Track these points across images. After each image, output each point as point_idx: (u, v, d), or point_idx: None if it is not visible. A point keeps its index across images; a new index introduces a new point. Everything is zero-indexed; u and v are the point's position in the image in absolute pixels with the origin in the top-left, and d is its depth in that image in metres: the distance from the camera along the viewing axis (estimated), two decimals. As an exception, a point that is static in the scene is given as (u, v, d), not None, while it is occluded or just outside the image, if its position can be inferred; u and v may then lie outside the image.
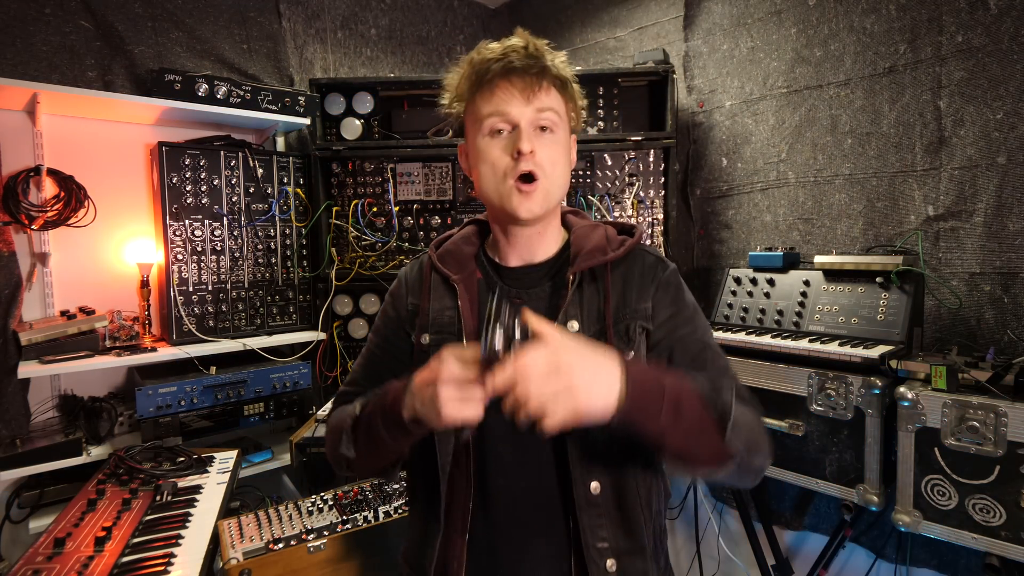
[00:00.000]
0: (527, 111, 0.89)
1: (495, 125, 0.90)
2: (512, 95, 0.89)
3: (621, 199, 2.29)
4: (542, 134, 0.91)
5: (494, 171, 0.90)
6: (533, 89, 0.89)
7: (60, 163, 2.00)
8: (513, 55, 0.89)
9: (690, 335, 0.92)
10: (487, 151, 0.91)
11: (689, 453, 0.81)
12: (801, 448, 1.68)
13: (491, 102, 0.90)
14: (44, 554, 1.23)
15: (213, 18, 2.36)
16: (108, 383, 2.15)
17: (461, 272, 0.98)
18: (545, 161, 0.90)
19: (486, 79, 0.90)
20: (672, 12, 2.51)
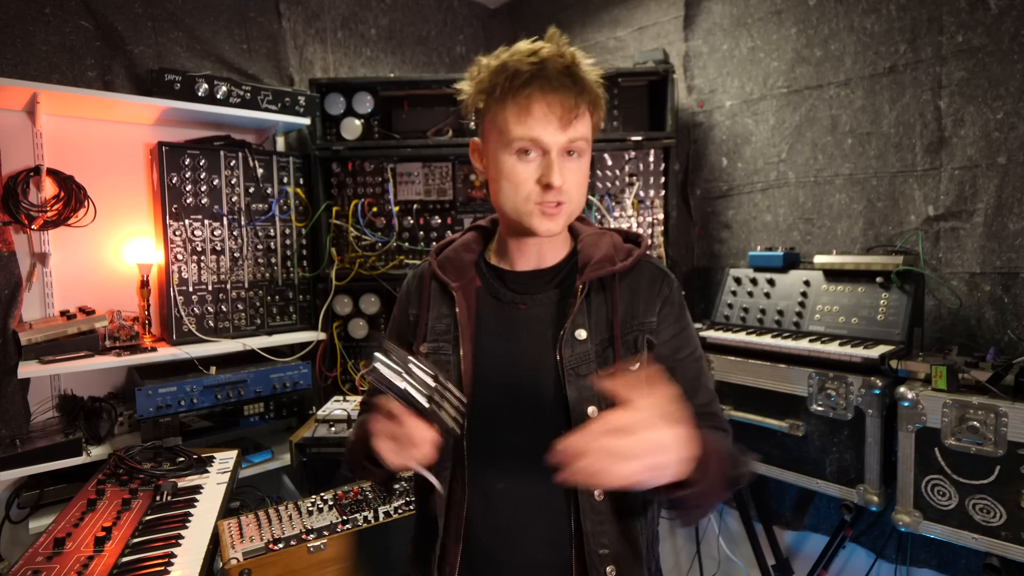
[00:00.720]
0: (561, 139, 0.86)
1: (525, 147, 0.87)
2: (548, 121, 0.85)
3: (621, 199, 2.29)
4: (569, 158, 0.88)
5: (516, 191, 0.88)
6: (570, 116, 0.86)
7: (60, 163, 2.00)
8: (551, 70, 0.85)
9: (689, 357, 0.94)
10: (512, 171, 0.88)
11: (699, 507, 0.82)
12: (801, 448, 1.68)
13: (524, 123, 0.86)
14: (44, 554, 1.23)
15: (213, 18, 2.36)
16: (108, 383, 2.15)
17: (460, 280, 0.98)
18: (571, 187, 0.89)
19: (521, 93, 0.85)
20: (672, 12, 2.51)
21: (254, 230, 2.24)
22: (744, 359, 1.80)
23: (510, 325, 0.95)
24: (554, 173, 0.85)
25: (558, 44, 0.88)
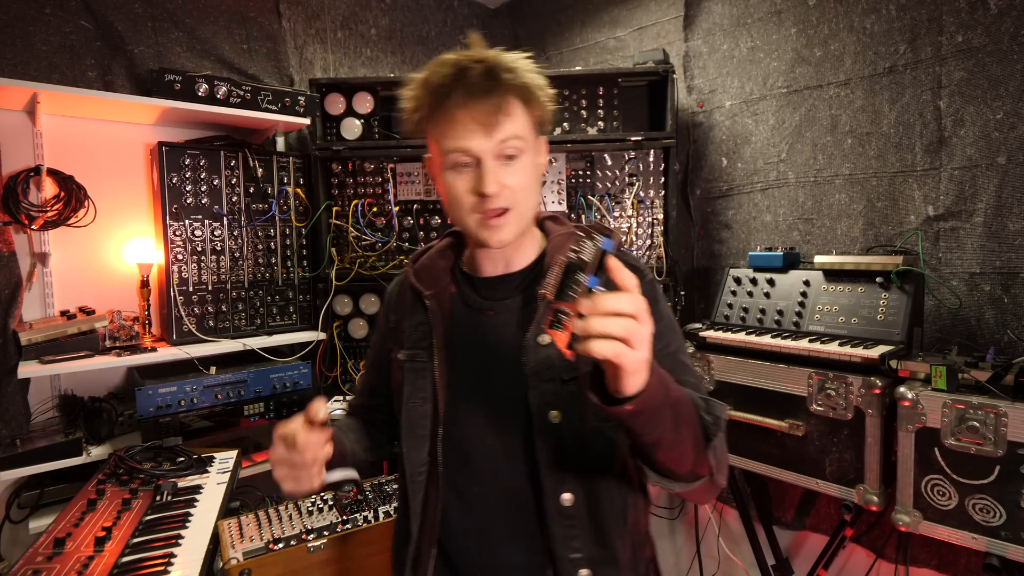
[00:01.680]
0: (489, 145, 0.84)
1: (457, 160, 0.86)
2: (472, 129, 0.84)
3: (621, 199, 2.29)
4: (508, 163, 0.86)
5: (458, 206, 0.88)
6: (494, 119, 0.84)
7: (60, 163, 2.00)
8: (470, 78, 0.84)
9: (663, 351, 0.90)
10: (451, 185, 0.87)
11: (676, 464, 0.79)
12: (801, 448, 1.68)
13: (451, 136, 0.85)
14: (44, 554, 1.23)
15: (213, 18, 2.36)
16: (108, 383, 2.15)
17: (435, 287, 0.98)
18: (513, 191, 0.87)
19: (444, 105, 0.85)
20: (672, 12, 2.51)
21: (254, 230, 2.24)
22: (744, 359, 1.80)
23: (480, 332, 0.94)
24: (485, 181, 0.84)
25: (478, 49, 0.88)
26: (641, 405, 0.69)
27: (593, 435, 0.88)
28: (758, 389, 1.76)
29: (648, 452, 0.77)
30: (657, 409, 0.72)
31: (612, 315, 0.63)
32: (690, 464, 0.79)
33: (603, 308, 0.63)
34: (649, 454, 0.77)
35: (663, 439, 0.75)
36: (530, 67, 0.89)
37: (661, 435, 0.74)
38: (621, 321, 0.63)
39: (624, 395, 0.68)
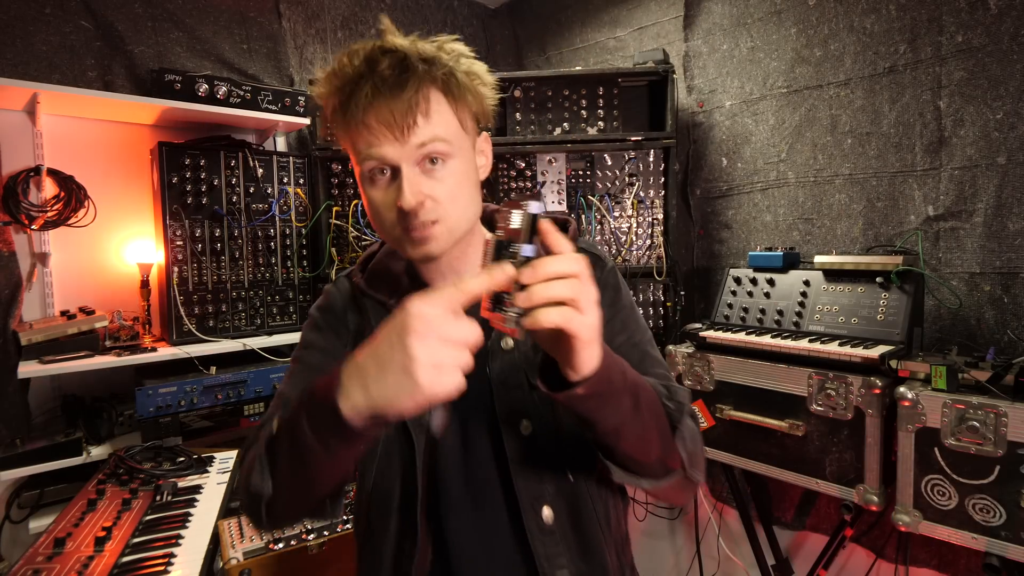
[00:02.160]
0: (405, 151, 0.74)
1: (372, 168, 0.76)
2: (382, 134, 0.73)
3: (621, 199, 2.29)
4: (432, 167, 0.76)
5: (380, 221, 0.78)
6: (407, 122, 0.73)
7: (60, 163, 2.00)
8: (379, 72, 0.73)
9: (627, 342, 0.85)
10: (371, 200, 0.78)
11: (641, 454, 0.73)
12: (801, 448, 1.68)
13: (362, 142, 0.75)
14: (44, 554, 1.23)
15: (213, 18, 2.36)
16: (108, 383, 2.15)
17: (395, 293, 0.87)
18: (440, 198, 0.76)
19: (353, 105, 0.74)
20: (672, 12, 2.51)
21: (254, 230, 2.23)
22: (744, 359, 1.80)
23: None
24: (403, 194, 0.73)
25: (389, 35, 0.76)
26: (596, 386, 0.64)
27: (569, 441, 0.82)
28: (758, 389, 1.76)
29: (609, 443, 0.71)
30: (615, 393, 0.67)
31: (554, 278, 0.58)
32: (657, 452, 0.73)
33: (544, 272, 0.58)
34: (611, 445, 0.71)
35: (623, 426, 0.69)
36: (460, 53, 0.78)
37: (621, 421, 0.68)
38: (565, 283, 0.58)
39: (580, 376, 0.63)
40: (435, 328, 0.54)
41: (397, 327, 0.55)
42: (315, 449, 0.64)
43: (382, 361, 0.56)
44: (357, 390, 0.58)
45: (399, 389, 0.55)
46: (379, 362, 0.56)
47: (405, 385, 0.54)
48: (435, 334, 0.54)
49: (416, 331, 0.54)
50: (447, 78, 0.76)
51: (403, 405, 0.55)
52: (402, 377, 0.54)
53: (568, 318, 0.58)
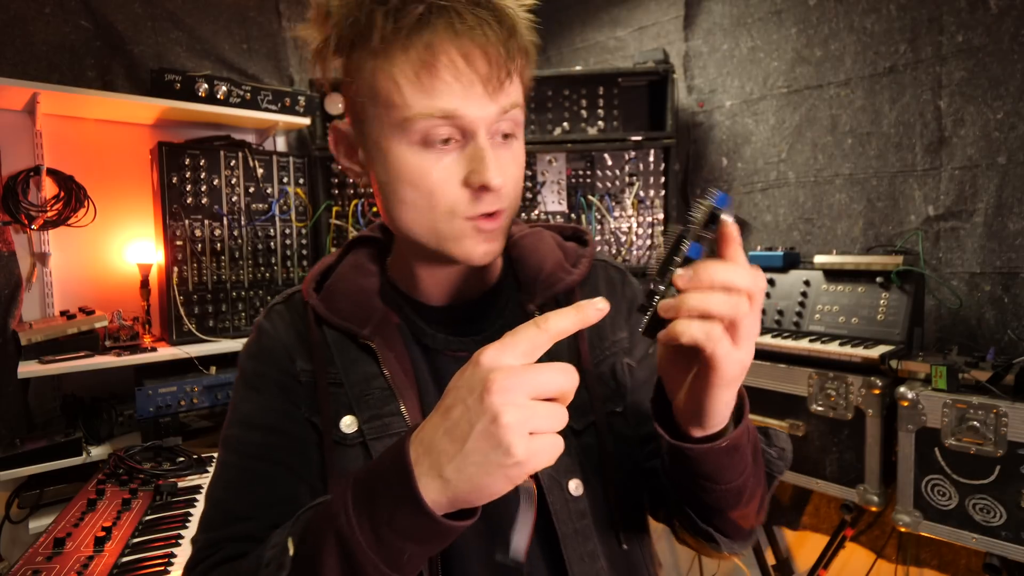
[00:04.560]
0: (491, 112, 0.56)
1: (435, 130, 0.55)
2: (468, 83, 0.54)
3: (621, 199, 2.29)
4: (504, 144, 0.59)
5: (432, 204, 0.57)
6: (501, 75, 0.55)
7: (60, 163, 2.00)
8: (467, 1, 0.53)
9: None
10: (420, 172, 0.56)
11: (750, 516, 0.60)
12: (801, 448, 1.68)
13: (429, 88, 0.53)
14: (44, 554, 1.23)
15: (213, 18, 2.36)
16: (108, 383, 2.14)
17: (368, 321, 0.64)
18: (512, 186, 0.60)
19: (418, 37, 0.52)
20: (672, 12, 2.51)
21: (254, 230, 2.23)
22: (744, 359, 1.79)
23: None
24: (490, 167, 0.55)
25: None
26: (739, 438, 0.52)
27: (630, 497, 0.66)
28: (758, 389, 1.76)
29: (723, 506, 0.57)
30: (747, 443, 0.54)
31: (719, 289, 0.46)
32: (756, 514, 0.60)
33: (707, 279, 0.46)
34: (724, 509, 0.57)
35: (745, 484, 0.55)
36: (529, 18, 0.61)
37: (745, 479, 0.55)
38: (728, 297, 0.46)
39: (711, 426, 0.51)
40: (523, 382, 0.41)
41: (471, 386, 0.42)
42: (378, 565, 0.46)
43: (459, 434, 0.42)
44: (430, 477, 0.43)
45: (485, 466, 0.41)
46: (455, 435, 0.42)
47: (492, 459, 0.41)
48: (524, 390, 0.41)
49: (499, 390, 0.41)
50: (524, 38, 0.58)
51: (495, 488, 0.42)
52: (489, 451, 0.41)
53: (715, 339, 0.47)
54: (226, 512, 0.62)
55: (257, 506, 0.61)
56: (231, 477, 0.64)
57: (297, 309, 0.69)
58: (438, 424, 0.44)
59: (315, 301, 0.67)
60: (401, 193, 0.58)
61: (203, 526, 0.63)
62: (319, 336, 0.66)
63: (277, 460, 0.63)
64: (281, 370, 0.66)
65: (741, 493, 0.56)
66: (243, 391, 0.67)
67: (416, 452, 0.44)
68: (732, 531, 0.61)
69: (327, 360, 0.65)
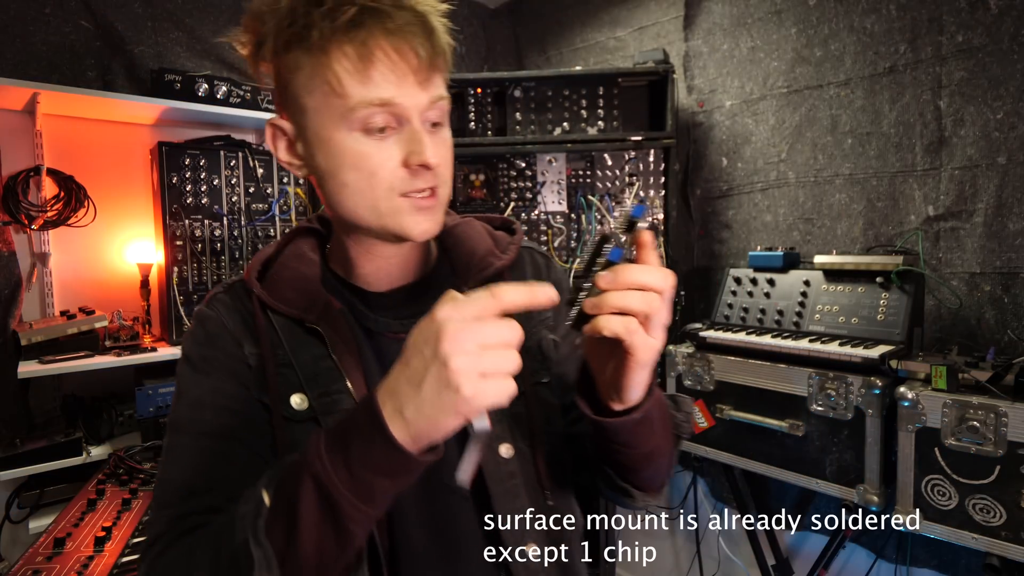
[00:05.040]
0: (422, 101, 0.62)
1: (374, 118, 0.61)
2: (401, 74, 0.60)
3: (621, 199, 2.29)
4: (434, 130, 0.66)
5: (372, 183, 0.63)
6: (430, 70, 0.62)
7: (60, 163, 2.00)
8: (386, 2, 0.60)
9: None
10: (362, 156, 0.62)
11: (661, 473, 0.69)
12: (801, 448, 1.68)
13: (367, 80, 0.59)
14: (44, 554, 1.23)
15: (213, 18, 2.36)
16: (108, 383, 2.15)
17: (313, 308, 0.69)
18: (444, 166, 0.66)
19: (355, 34, 0.59)
20: (672, 12, 2.51)
21: (254, 230, 2.23)
22: (744, 359, 1.80)
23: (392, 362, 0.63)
24: (427, 147, 0.62)
25: None
26: (651, 410, 0.60)
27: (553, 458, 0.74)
28: (758, 389, 1.76)
29: (639, 466, 0.66)
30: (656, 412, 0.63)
31: (635, 288, 0.54)
32: (669, 466, 0.71)
33: (625, 280, 0.54)
34: (639, 468, 0.67)
35: (657, 448, 0.65)
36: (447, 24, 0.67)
37: (656, 443, 0.65)
38: (644, 295, 0.54)
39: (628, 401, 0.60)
40: (472, 333, 0.47)
41: (426, 338, 0.48)
42: (353, 501, 0.51)
43: (416, 378, 0.48)
44: (394, 417, 0.49)
45: (438, 404, 0.47)
46: (413, 380, 0.48)
47: (445, 399, 0.47)
48: (473, 340, 0.47)
49: (449, 339, 0.46)
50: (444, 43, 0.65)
51: (448, 424, 0.48)
52: (441, 390, 0.47)
53: (632, 331, 0.54)
54: (183, 488, 0.64)
55: (216, 480, 0.63)
56: (186, 456, 0.66)
57: (240, 298, 0.72)
58: (399, 373, 0.50)
59: (259, 290, 0.70)
60: (343, 177, 0.63)
61: (158, 505, 0.64)
62: (265, 322, 0.69)
63: (232, 436, 0.66)
64: (229, 354, 0.69)
65: (652, 455, 0.66)
66: (191, 376, 0.70)
67: (382, 399, 0.50)
68: (645, 486, 0.71)
69: (275, 343, 0.69)
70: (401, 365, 0.50)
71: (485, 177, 2.31)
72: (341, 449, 0.51)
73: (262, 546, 0.52)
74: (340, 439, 0.52)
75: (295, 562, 0.52)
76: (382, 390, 0.51)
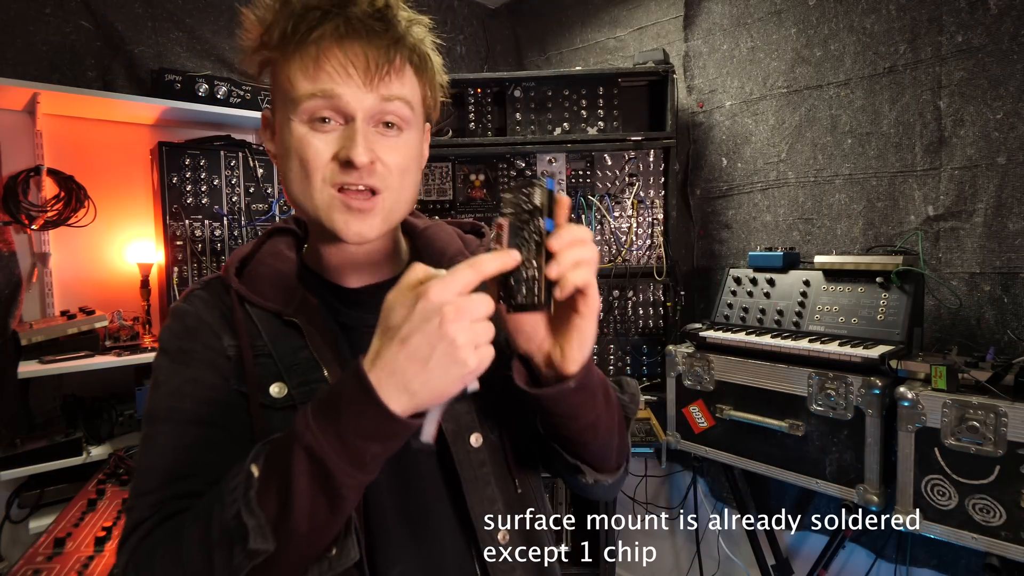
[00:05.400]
0: (368, 99, 0.65)
1: (318, 111, 0.65)
2: (348, 73, 0.64)
3: (621, 199, 2.29)
4: (387, 132, 0.67)
5: (307, 172, 0.66)
6: (380, 68, 0.64)
7: (60, 163, 2.00)
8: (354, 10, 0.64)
9: None
10: (300, 144, 0.65)
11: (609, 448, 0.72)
12: (801, 448, 1.68)
13: (314, 76, 0.64)
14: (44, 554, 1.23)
15: (213, 18, 2.36)
16: (108, 383, 2.15)
17: (290, 301, 0.72)
18: (391, 170, 0.67)
19: (309, 38, 0.63)
20: (672, 12, 2.51)
21: (254, 230, 2.23)
22: (744, 359, 1.80)
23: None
24: (357, 146, 0.64)
25: None
26: (584, 378, 0.63)
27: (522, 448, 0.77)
28: (758, 389, 1.76)
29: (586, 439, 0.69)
30: (593, 385, 0.65)
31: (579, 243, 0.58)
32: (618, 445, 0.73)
33: (571, 237, 0.58)
34: (586, 441, 0.69)
35: (599, 419, 0.67)
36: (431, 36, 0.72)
37: (597, 414, 0.67)
38: (585, 246, 0.58)
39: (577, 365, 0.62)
40: (467, 311, 0.52)
41: (426, 317, 0.52)
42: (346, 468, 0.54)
43: (421, 356, 0.52)
44: (397, 393, 0.52)
45: (446, 378, 0.52)
46: (418, 357, 0.52)
47: (452, 372, 0.52)
48: (468, 316, 0.52)
49: (451, 318, 0.51)
50: (420, 50, 0.70)
51: (452, 391, 0.54)
52: (449, 366, 0.52)
53: (591, 278, 0.58)
54: (164, 473, 0.65)
55: (198, 466, 0.65)
56: (166, 443, 0.66)
57: (218, 293, 0.74)
58: (397, 351, 0.52)
59: (238, 285, 0.73)
60: (289, 164, 0.67)
61: (138, 491, 0.65)
62: (243, 315, 0.71)
63: (212, 423, 0.67)
64: (207, 346, 0.70)
65: (596, 427, 0.68)
66: (169, 367, 0.70)
67: (377, 376, 0.52)
68: (596, 463, 0.73)
69: (253, 335, 0.71)
70: (399, 344, 0.52)
71: (485, 177, 2.31)
72: (332, 421, 0.53)
73: (255, 515, 0.53)
74: (328, 411, 0.54)
75: (288, 530, 0.54)
76: (377, 367, 0.53)
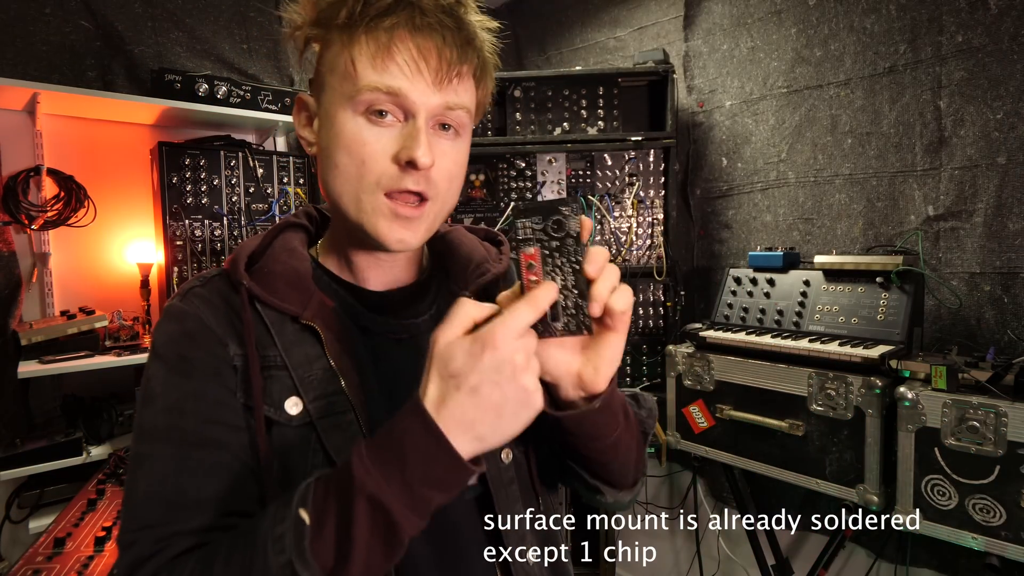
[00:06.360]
0: (434, 100, 0.61)
1: (377, 103, 0.61)
2: (419, 70, 0.60)
3: (621, 199, 2.29)
4: (443, 135, 0.64)
5: (361, 171, 0.62)
6: (451, 70, 0.61)
7: (60, 163, 2.00)
8: (427, 7, 0.60)
9: None
10: (355, 138, 0.61)
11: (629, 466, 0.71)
12: (801, 448, 1.68)
13: (383, 67, 0.60)
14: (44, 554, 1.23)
15: (213, 18, 2.36)
16: (108, 383, 2.15)
17: (306, 303, 0.66)
18: (442, 177, 0.64)
19: (381, 23, 0.59)
20: (672, 12, 2.51)
21: (254, 230, 2.23)
22: (744, 359, 1.80)
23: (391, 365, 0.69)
24: (420, 145, 0.60)
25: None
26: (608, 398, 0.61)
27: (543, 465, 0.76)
28: (758, 389, 1.76)
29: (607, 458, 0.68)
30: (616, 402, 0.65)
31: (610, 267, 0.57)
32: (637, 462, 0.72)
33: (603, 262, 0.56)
34: (607, 461, 0.68)
35: (620, 438, 0.66)
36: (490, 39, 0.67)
37: (619, 434, 0.65)
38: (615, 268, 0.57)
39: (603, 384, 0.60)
40: (527, 355, 0.51)
41: (498, 368, 0.49)
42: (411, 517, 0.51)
43: (494, 405, 0.50)
44: (468, 441, 0.50)
45: (518, 422, 0.51)
46: (491, 407, 0.50)
47: (523, 416, 0.51)
48: (528, 357, 0.51)
49: (523, 366, 0.50)
50: (482, 55, 0.66)
51: (518, 432, 0.52)
52: (521, 411, 0.51)
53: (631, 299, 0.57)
54: (167, 504, 0.58)
55: (206, 496, 0.59)
56: (167, 468, 0.59)
57: (221, 292, 0.68)
58: (467, 400, 0.50)
59: (250, 282, 0.66)
60: (336, 158, 0.63)
61: (136, 523, 0.58)
62: (253, 317, 0.64)
63: (218, 445, 0.60)
64: (212, 354, 0.63)
65: (617, 446, 0.66)
66: (167, 378, 0.62)
67: (446, 424, 0.50)
68: (616, 481, 0.71)
69: (265, 342, 0.64)
70: (467, 394, 0.50)
71: (485, 177, 2.31)
72: (397, 468, 0.50)
73: (310, 567, 0.50)
74: (391, 458, 0.50)
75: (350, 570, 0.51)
76: (443, 415, 0.50)
